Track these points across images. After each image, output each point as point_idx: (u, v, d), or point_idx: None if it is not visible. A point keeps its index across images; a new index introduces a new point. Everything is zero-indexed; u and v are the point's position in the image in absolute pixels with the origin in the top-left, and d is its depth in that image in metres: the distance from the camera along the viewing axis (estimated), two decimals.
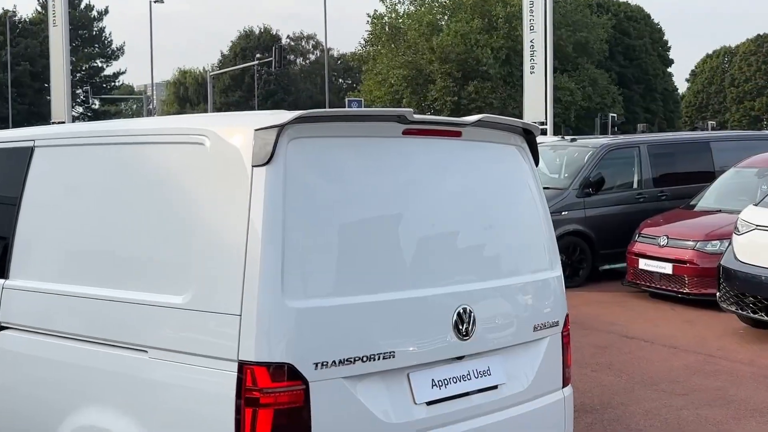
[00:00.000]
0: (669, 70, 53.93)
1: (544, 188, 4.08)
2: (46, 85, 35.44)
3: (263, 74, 58.36)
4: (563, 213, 10.87)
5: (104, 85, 57.29)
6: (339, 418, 2.95)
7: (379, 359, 3.05)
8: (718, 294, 8.21)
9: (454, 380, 3.31)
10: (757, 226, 7.85)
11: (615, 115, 28.59)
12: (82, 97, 54.38)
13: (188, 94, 63.56)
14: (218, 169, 3.03)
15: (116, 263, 3.39)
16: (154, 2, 46.00)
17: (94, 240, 3.51)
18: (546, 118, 22.20)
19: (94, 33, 56.56)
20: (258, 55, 50.01)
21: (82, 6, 55.63)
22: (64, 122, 23.15)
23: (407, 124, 3.26)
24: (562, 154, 12.22)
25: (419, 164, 3.37)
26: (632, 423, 5.62)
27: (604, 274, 11.43)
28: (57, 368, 3.50)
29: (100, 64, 57.04)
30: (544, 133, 20.31)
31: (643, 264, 9.88)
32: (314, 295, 2.93)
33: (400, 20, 41.13)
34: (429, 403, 3.21)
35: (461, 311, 3.31)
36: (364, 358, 3.01)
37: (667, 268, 9.59)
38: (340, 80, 66.50)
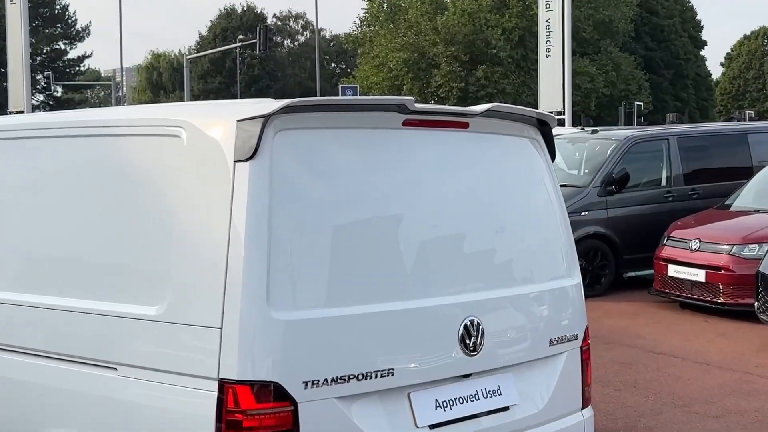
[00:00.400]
0: (702, 53, 54.03)
1: (562, 186, 4.09)
2: (3, 70, 35.40)
3: (246, 58, 58.33)
4: (583, 213, 10.88)
5: (68, 70, 57.28)
6: None
7: (376, 377, 3.05)
8: (756, 304, 8.22)
9: (461, 401, 3.32)
10: None
11: (641, 103, 28.61)
12: (42, 83, 54.35)
13: (162, 80, 63.52)
14: (196, 164, 3.04)
15: (81, 270, 3.40)
16: None
17: (55, 244, 3.52)
18: (564, 108, 22.19)
19: (57, 11, 56.55)
20: (241, 37, 50.00)
21: None
22: (23, 112, 23.13)
23: (408, 114, 3.27)
24: (582, 148, 12.24)
25: (421, 159, 3.38)
26: None
27: (629, 282, 11.44)
28: (14, 387, 3.50)
29: (63, 47, 57.02)
30: (561, 124, 20.32)
31: (673, 271, 9.90)
32: (304, 305, 2.94)
33: None
34: (432, 427, 3.22)
35: (468, 324, 3.32)
36: (360, 376, 3.01)
37: (699, 275, 9.60)
38: (333, 65, 66.49)
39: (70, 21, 57.09)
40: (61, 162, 3.59)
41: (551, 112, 4.98)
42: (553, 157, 3.87)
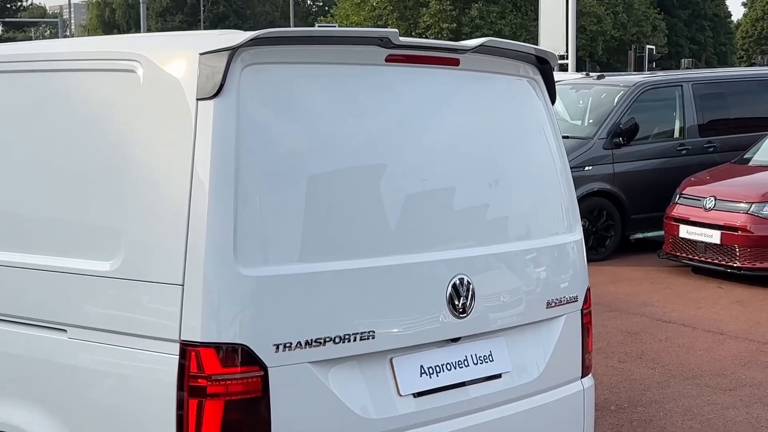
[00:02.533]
0: None
1: (564, 137, 4.11)
2: None
3: None
4: (587, 168, 10.94)
5: (8, 6, 56.52)
6: (305, 412, 2.99)
7: (355, 340, 3.08)
8: None
9: (448, 367, 3.36)
10: None
11: (653, 47, 28.50)
12: None
13: (115, 18, 62.90)
14: (153, 103, 3.03)
15: (25, 222, 3.40)
16: None
17: None
18: (567, 51, 22.15)
19: None
20: None
21: None
22: None
23: (392, 48, 3.26)
24: (587, 95, 12.25)
25: (406, 101, 3.38)
26: (667, 424, 5.73)
27: (637, 245, 11.54)
28: None
29: None
30: (564, 69, 20.31)
31: (685, 232, 9.98)
32: (275, 261, 2.96)
33: None
34: (417, 395, 3.26)
35: (457, 283, 3.35)
36: (337, 339, 3.04)
37: (713, 237, 9.69)
38: (309, 2, 65.88)
39: None
40: None
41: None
42: (553, 99, 3.87)
